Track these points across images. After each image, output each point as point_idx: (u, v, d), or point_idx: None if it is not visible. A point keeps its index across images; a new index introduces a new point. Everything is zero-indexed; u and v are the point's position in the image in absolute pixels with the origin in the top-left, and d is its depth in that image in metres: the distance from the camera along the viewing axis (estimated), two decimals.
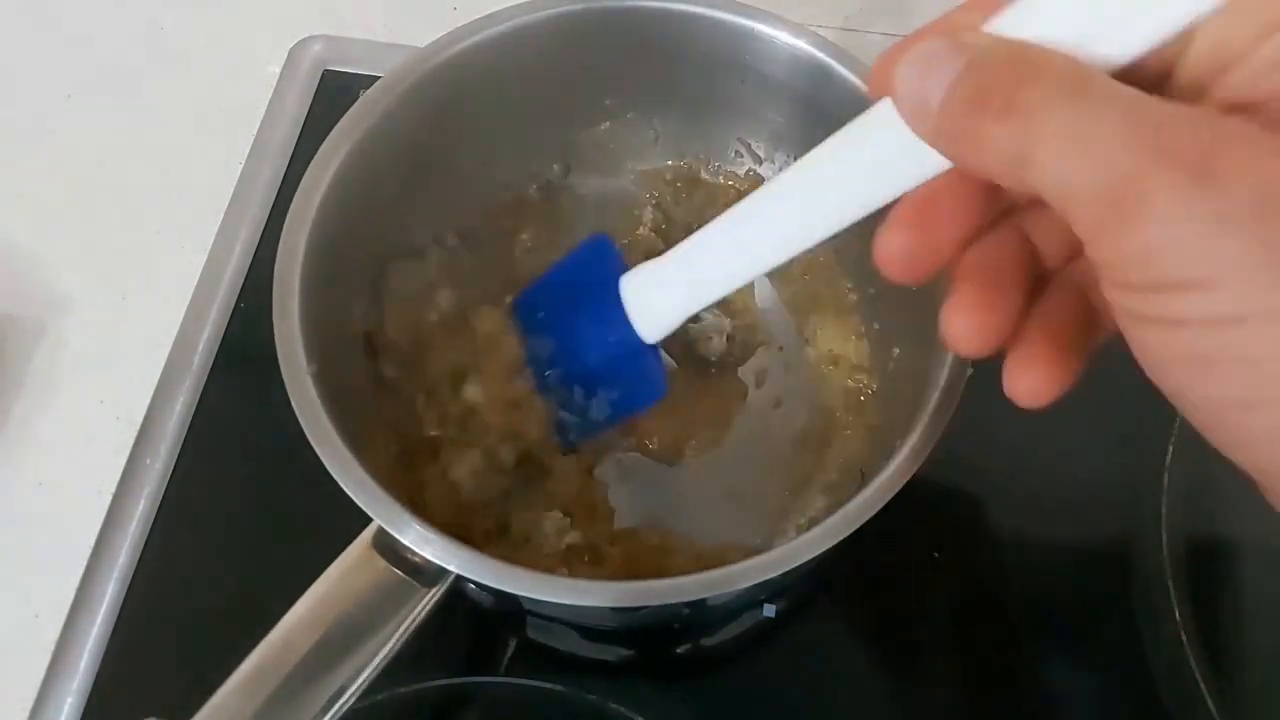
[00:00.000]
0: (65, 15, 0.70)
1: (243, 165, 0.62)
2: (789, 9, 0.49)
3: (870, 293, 0.54)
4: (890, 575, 0.52)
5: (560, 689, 0.47)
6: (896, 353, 0.51)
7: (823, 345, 0.55)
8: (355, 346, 0.48)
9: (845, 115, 0.48)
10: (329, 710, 0.36)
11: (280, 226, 0.44)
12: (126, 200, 0.63)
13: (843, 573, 0.52)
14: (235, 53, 0.68)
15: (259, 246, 0.60)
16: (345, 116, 0.47)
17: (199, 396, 0.56)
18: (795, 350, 0.56)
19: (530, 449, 0.50)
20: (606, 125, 0.55)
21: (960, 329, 0.30)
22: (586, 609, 0.38)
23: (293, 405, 0.40)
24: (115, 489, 0.53)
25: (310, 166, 0.45)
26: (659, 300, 0.41)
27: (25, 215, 0.62)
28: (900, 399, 0.46)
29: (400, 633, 0.37)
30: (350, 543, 0.39)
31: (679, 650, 0.51)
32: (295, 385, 0.40)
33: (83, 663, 0.49)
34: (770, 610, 0.50)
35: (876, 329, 0.53)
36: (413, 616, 0.38)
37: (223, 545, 0.53)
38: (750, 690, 0.49)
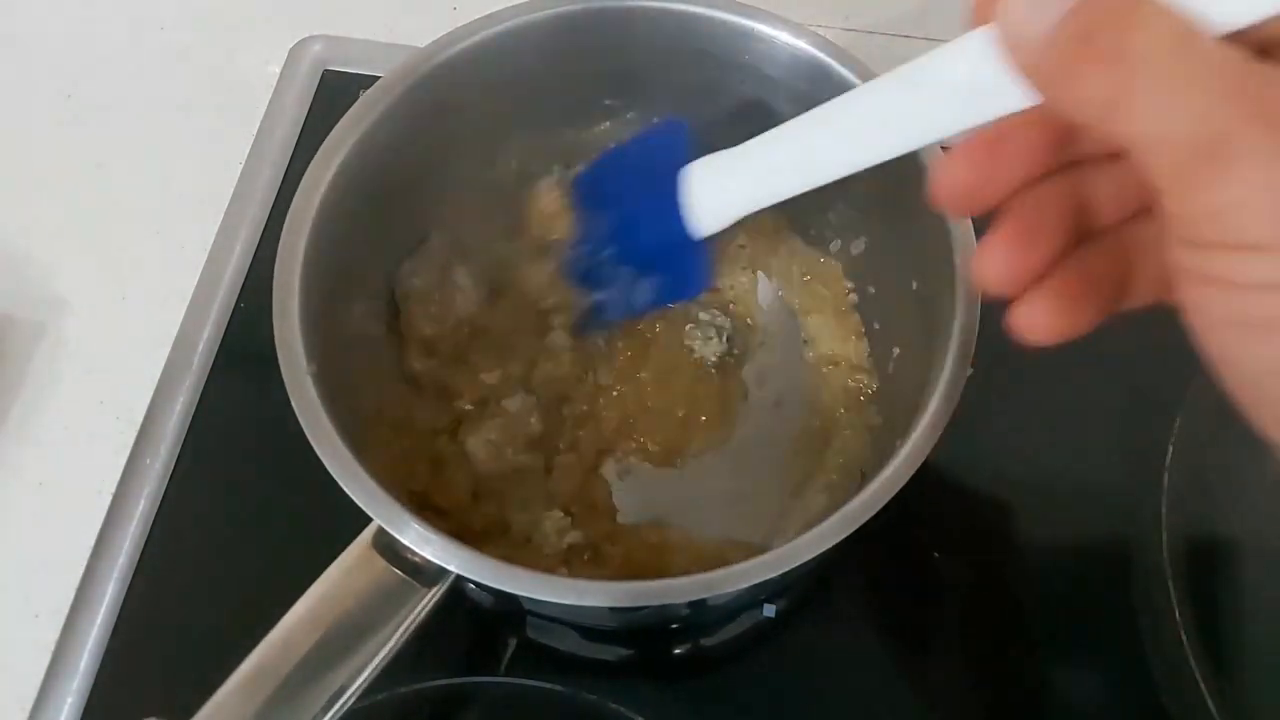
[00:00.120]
0: (65, 15, 0.70)
1: (243, 165, 0.62)
2: (789, 9, 0.49)
3: (870, 293, 0.54)
4: (890, 575, 0.52)
5: (560, 689, 0.47)
6: (896, 353, 0.51)
7: (823, 345, 0.55)
8: (356, 345, 0.48)
9: None
10: (329, 710, 0.36)
11: (280, 226, 0.44)
12: (126, 200, 0.63)
13: (843, 572, 0.52)
14: (235, 53, 0.68)
15: (259, 246, 0.60)
16: (345, 117, 0.46)
17: (199, 396, 0.56)
18: (795, 350, 0.56)
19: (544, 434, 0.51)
20: (606, 125, 0.55)
21: (994, 264, 0.30)
22: (586, 609, 0.38)
23: (292, 405, 0.40)
24: (115, 489, 0.53)
25: (310, 166, 0.45)
26: (718, 193, 0.41)
27: (25, 215, 0.62)
28: (900, 399, 0.46)
29: (400, 633, 0.37)
30: (350, 542, 0.39)
31: (679, 650, 0.51)
32: (295, 385, 0.40)
33: (83, 663, 0.49)
34: (770, 610, 0.50)
35: (876, 329, 0.53)
36: (413, 616, 0.38)
37: (223, 545, 0.53)
38: (750, 690, 0.49)
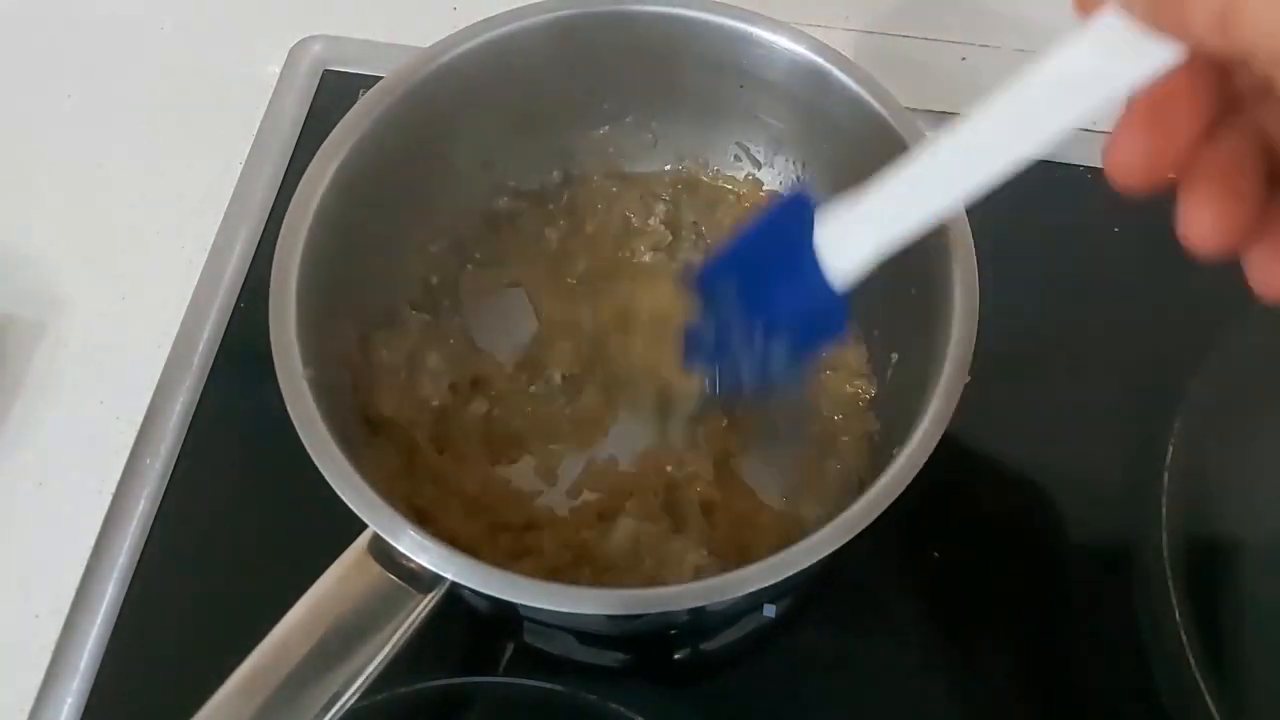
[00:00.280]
0: (65, 15, 0.70)
1: (243, 165, 0.62)
2: (790, 9, 0.49)
3: (869, 298, 0.53)
4: (890, 575, 0.52)
5: (560, 689, 0.47)
6: (895, 359, 0.51)
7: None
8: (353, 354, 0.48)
9: (844, 119, 0.49)
10: (325, 715, 0.36)
11: (280, 227, 0.44)
12: (126, 200, 0.63)
13: (843, 573, 0.52)
14: (235, 53, 0.68)
15: (259, 246, 0.59)
16: (342, 120, 0.46)
17: (199, 396, 0.55)
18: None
19: None
20: (605, 129, 0.55)
21: (1202, 224, 0.28)
22: (583, 616, 0.38)
23: (289, 410, 0.40)
24: (115, 489, 0.53)
25: (308, 170, 0.45)
26: (853, 240, 0.38)
27: (25, 215, 0.62)
28: (899, 405, 0.46)
29: (396, 638, 0.37)
30: (350, 542, 0.39)
31: (679, 654, 0.51)
32: (291, 390, 0.40)
33: (83, 663, 0.49)
34: (771, 611, 0.50)
35: (875, 335, 0.53)
36: (408, 622, 0.38)
37: (222, 545, 0.53)
38: (751, 690, 0.49)
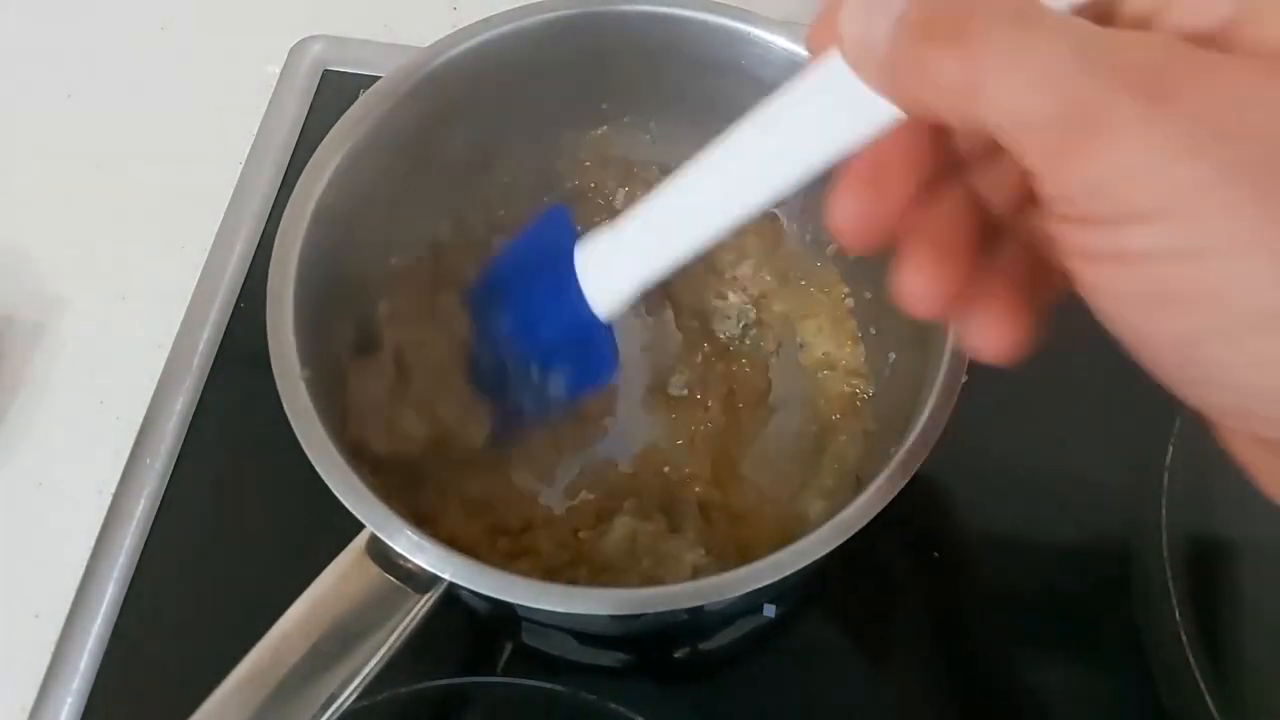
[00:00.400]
0: (66, 15, 0.70)
1: (243, 165, 0.62)
2: (788, 9, 0.49)
3: (866, 297, 0.54)
4: (890, 575, 0.52)
5: (559, 689, 0.47)
6: (892, 357, 0.51)
7: (819, 350, 0.55)
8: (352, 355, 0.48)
9: None
10: (322, 715, 0.36)
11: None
12: (126, 200, 0.63)
13: (843, 572, 0.52)
14: (235, 53, 0.68)
15: (259, 246, 0.60)
16: (341, 120, 0.46)
17: (199, 396, 0.56)
18: (791, 354, 0.56)
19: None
20: (603, 129, 0.55)
21: (915, 288, 0.29)
22: (581, 617, 0.38)
23: (286, 411, 0.40)
24: (115, 489, 0.53)
25: (306, 169, 0.45)
26: (610, 273, 0.39)
27: (25, 215, 0.62)
28: (897, 404, 0.46)
29: (393, 639, 0.37)
30: (349, 542, 0.39)
31: (678, 654, 0.51)
32: (289, 391, 0.40)
33: (83, 663, 0.49)
34: (770, 611, 0.50)
35: (873, 333, 0.53)
36: (406, 623, 0.37)
37: (221, 546, 0.53)
38: (751, 690, 0.49)
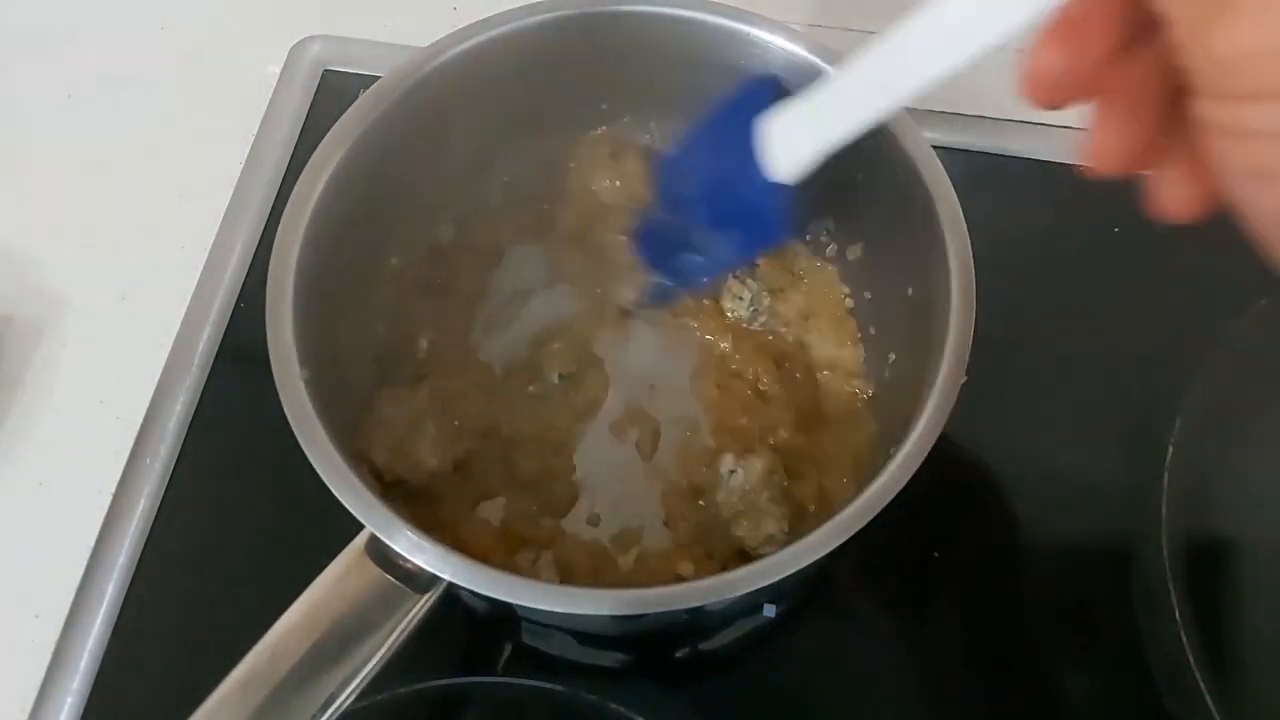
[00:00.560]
0: (65, 15, 0.70)
1: (243, 165, 0.62)
2: (791, 9, 0.49)
3: (866, 298, 0.54)
4: (890, 575, 0.52)
5: (559, 689, 0.47)
6: (892, 358, 0.51)
7: (820, 351, 0.55)
8: (348, 354, 0.48)
9: None
10: (322, 715, 0.36)
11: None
12: (126, 201, 0.63)
13: (843, 572, 0.52)
14: (235, 53, 0.68)
15: (259, 246, 0.60)
16: (340, 120, 0.47)
17: (199, 396, 0.56)
18: (792, 355, 0.55)
19: None
20: (603, 129, 0.55)
21: (1106, 142, 0.30)
22: (579, 616, 0.38)
23: (286, 412, 0.40)
24: (115, 489, 0.53)
25: (305, 169, 0.45)
26: (796, 139, 0.40)
27: (25, 215, 0.62)
28: (896, 405, 0.46)
29: (393, 638, 0.37)
30: (349, 541, 0.39)
31: (679, 653, 0.51)
32: (288, 391, 0.40)
33: (83, 663, 0.49)
34: (771, 610, 0.50)
35: (873, 334, 0.53)
36: (405, 622, 0.38)
37: (221, 545, 0.53)
38: (751, 689, 0.49)
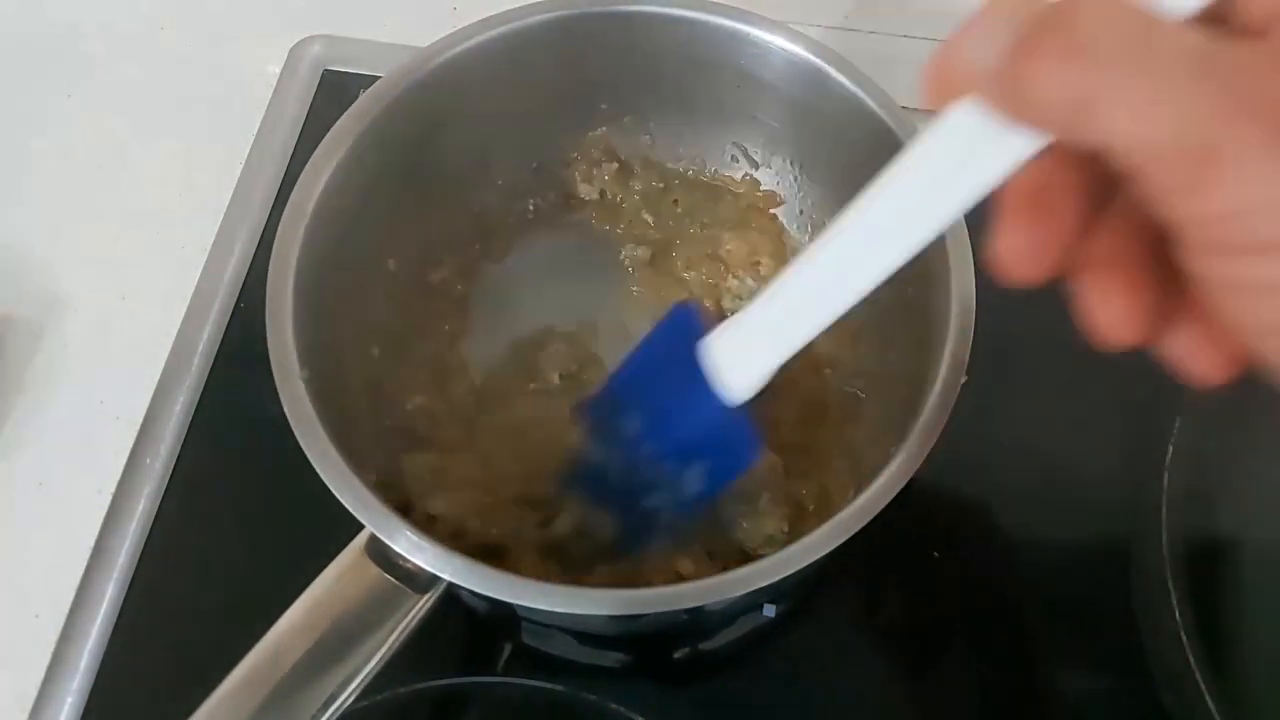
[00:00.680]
0: (65, 15, 0.70)
1: (243, 165, 0.62)
2: (791, 9, 0.49)
3: (866, 298, 0.53)
4: (890, 575, 0.52)
5: (560, 689, 0.47)
6: (892, 357, 0.50)
7: (820, 350, 0.54)
8: (349, 355, 0.48)
9: (841, 118, 0.49)
10: (322, 715, 0.36)
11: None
12: (126, 200, 0.63)
13: (843, 572, 0.52)
14: (235, 53, 0.68)
15: (259, 246, 0.59)
16: (340, 120, 0.47)
17: (199, 396, 0.56)
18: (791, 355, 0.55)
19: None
20: (603, 129, 0.55)
21: (1109, 319, 0.28)
22: (579, 616, 0.38)
23: (286, 412, 0.40)
24: (115, 489, 0.53)
25: (305, 169, 0.45)
26: (744, 358, 0.38)
27: (25, 215, 0.62)
28: (896, 405, 0.46)
29: (393, 639, 0.37)
30: (349, 541, 0.39)
31: (678, 653, 0.51)
32: (288, 391, 0.40)
33: (83, 663, 0.49)
34: (770, 610, 0.50)
35: (873, 334, 0.53)
36: (405, 622, 0.38)
37: (221, 545, 0.53)
38: (751, 689, 0.49)
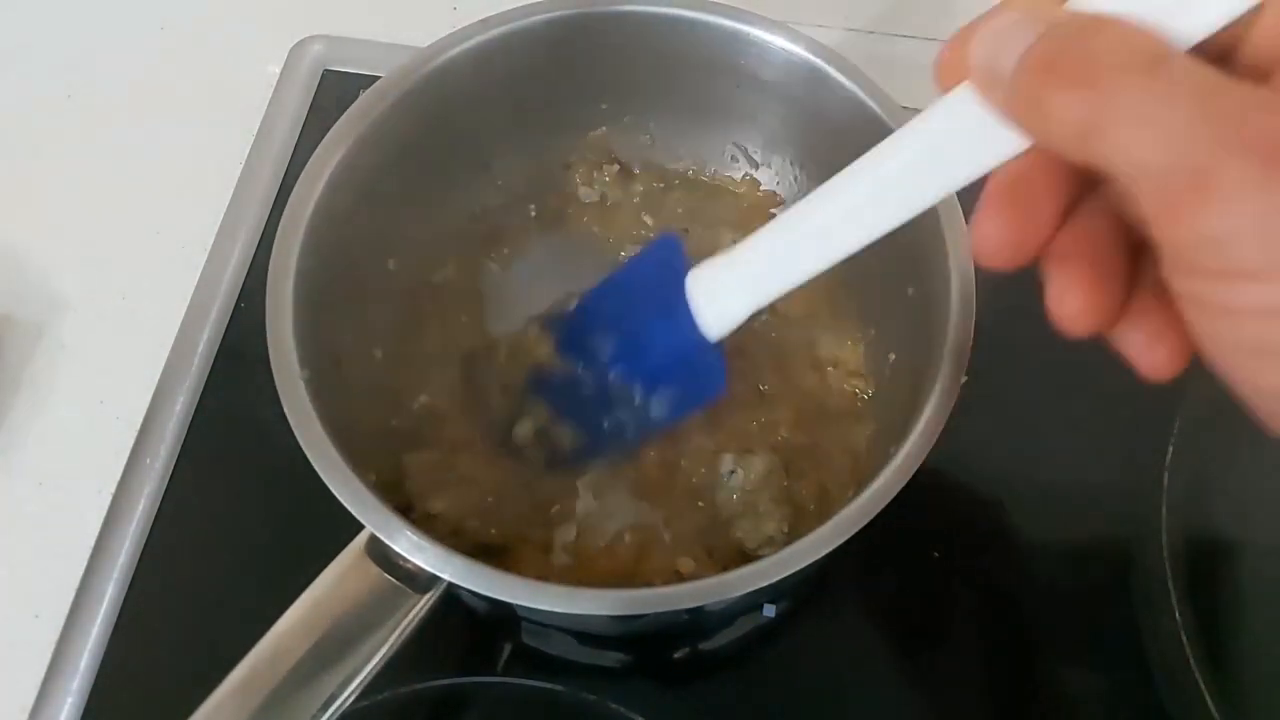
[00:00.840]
0: (65, 15, 0.70)
1: (243, 165, 0.62)
2: (791, 8, 0.49)
3: (867, 298, 0.53)
4: (890, 575, 0.52)
5: (559, 689, 0.47)
6: (892, 357, 0.50)
7: (820, 350, 0.54)
8: (348, 354, 0.48)
9: (841, 118, 0.49)
10: (322, 715, 0.36)
11: None
12: (126, 200, 0.63)
13: (843, 572, 0.52)
14: (235, 53, 0.68)
15: (259, 246, 0.60)
16: (340, 120, 0.47)
17: (199, 396, 0.56)
18: (792, 355, 0.55)
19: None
20: (603, 129, 0.55)
21: (1070, 308, 0.29)
22: (579, 616, 0.38)
23: (286, 412, 0.40)
24: (115, 489, 0.53)
25: (305, 169, 0.45)
26: (725, 297, 0.40)
27: (25, 215, 0.62)
28: (896, 405, 0.46)
29: (393, 639, 0.37)
30: (349, 541, 0.39)
31: (678, 653, 0.51)
32: (288, 391, 0.40)
33: (83, 663, 0.49)
34: (770, 610, 0.50)
35: (873, 334, 0.53)
36: (405, 623, 0.38)
37: (221, 546, 0.53)
38: (751, 689, 0.49)
